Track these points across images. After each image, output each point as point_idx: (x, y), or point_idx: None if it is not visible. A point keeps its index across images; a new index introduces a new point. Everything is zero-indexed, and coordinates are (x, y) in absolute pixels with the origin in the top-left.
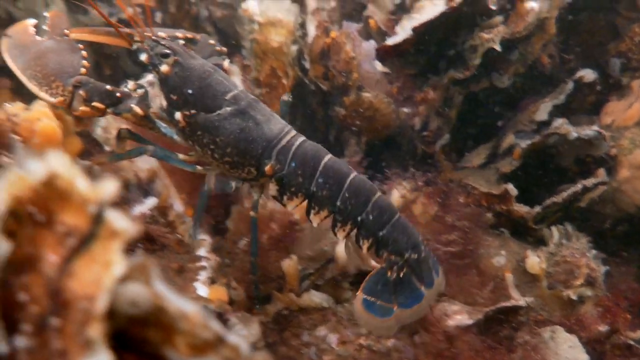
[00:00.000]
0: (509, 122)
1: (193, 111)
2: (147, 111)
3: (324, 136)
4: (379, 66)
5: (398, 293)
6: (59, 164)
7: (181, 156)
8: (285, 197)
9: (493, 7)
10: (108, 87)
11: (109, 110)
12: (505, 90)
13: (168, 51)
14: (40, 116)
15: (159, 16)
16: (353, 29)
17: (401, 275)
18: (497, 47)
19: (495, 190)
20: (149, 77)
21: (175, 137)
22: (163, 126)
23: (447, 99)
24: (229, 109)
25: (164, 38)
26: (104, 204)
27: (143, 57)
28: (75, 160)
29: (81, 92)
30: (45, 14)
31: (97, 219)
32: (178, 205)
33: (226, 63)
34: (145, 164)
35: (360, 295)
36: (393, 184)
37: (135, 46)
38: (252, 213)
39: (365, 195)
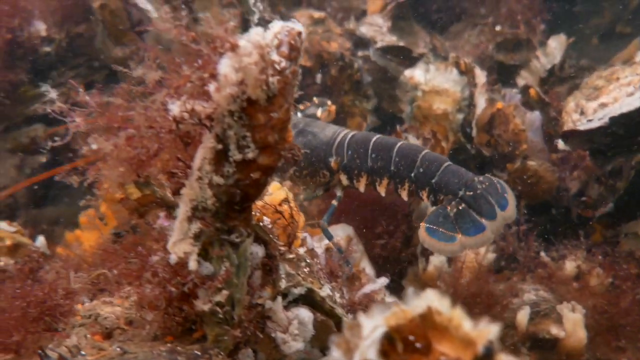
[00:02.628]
0: None
1: None
2: None
3: None
4: (560, 145)
5: (459, 224)
6: (436, 302)
7: None
8: (354, 182)
9: None
10: None
11: None
12: None
13: None
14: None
15: (319, 77)
16: (516, 99)
17: (460, 208)
18: None
19: None
20: None
21: None
22: None
23: (613, 170)
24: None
25: None
26: (491, 343)
27: None
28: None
29: None
30: None
31: (486, 356)
32: (369, 269)
33: (319, 112)
34: (341, 231)
35: (423, 224)
36: (565, 252)
37: None
38: (334, 202)
39: (412, 155)
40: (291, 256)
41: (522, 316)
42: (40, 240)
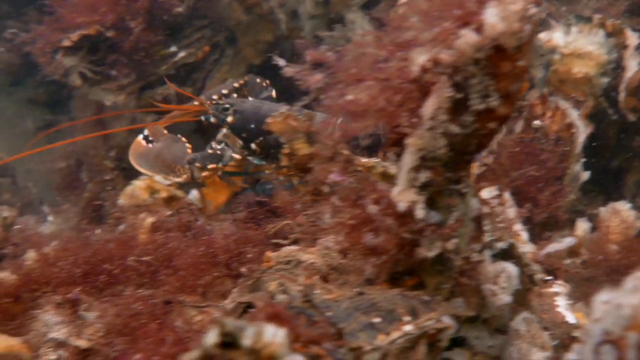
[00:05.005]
0: None
1: (261, 138)
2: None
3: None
4: None
5: None
6: None
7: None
8: None
9: None
10: (210, 151)
11: (219, 165)
12: None
13: (227, 105)
14: None
15: None
16: None
17: None
18: None
19: None
20: (223, 131)
21: (262, 162)
22: (253, 159)
23: None
24: None
25: (219, 98)
26: None
27: (212, 119)
28: None
29: (196, 164)
30: (145, 131)
31: None
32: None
33: (274, 92)
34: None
35: None
36: None
37: (204, 117)
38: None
39: None
40: (489, 210)
41: None
42: (194, 193)
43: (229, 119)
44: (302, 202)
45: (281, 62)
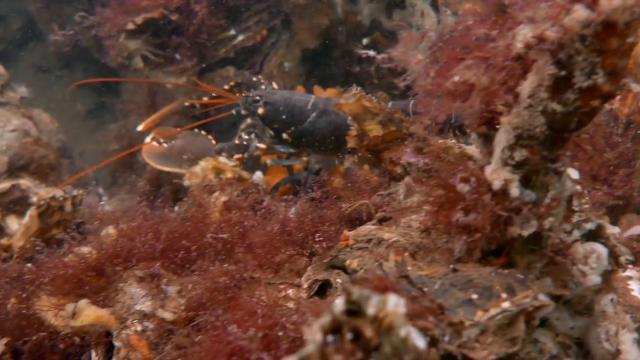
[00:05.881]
0: None
1: (292, 128)
2: (267, 144)
3: None
4: None
5: None
6: None
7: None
8: None
9: None
10: (236, 141)
11: (245, 155)
12: None
13: (257, 98)
14: None
15: None
16: None
17: None
18: None
19: None
20: (247, 121)
21: (291, 150)
22: (280, 147)
23: None
24: (314, 114)
25: (249, 91)
26: None
27: (243, 111)
28: None
29: (224, 154)
30: (150, 135)
31: None
32: None
33: (275, 85)
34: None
35: None
36: None
37: (235, 109)
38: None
39: None
40: (580, 190)
41: None
42: (259, 174)
43: (260, 110)
44: (377, 183)
45: (371, 53)
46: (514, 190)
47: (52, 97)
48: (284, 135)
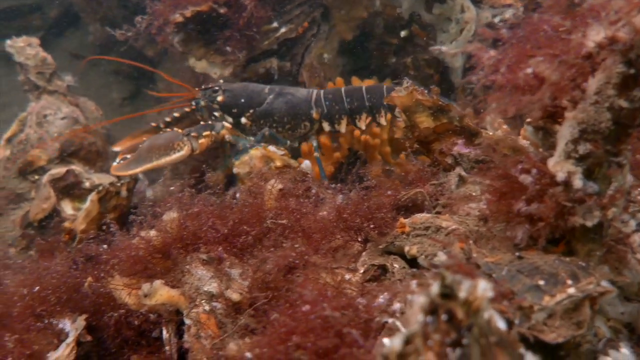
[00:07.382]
0: None
1: (251, 111)
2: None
3: None
4: None
5: None
6: None
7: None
8: (336, 125)
9: None
10: (202, 122)
11: (213, 133)
12: None
13: (216, 87)
14: None
15: None
16: None
17: None
18: None
19: None
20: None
21: (250, 138)
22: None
23: None
24: (271, 96)
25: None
26: None
27: (202, 102)
28: None
29: (192, 134)
30: (117, 159)
31: None
32: None
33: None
34: None
35: None
36: None
37: (194, 101)
38: (316, 154)
39: (379, 89)
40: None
41: None
42: (307, 163)
43: (219, 98)
44: (430, 172)
45: (444, 48)
46: (578, 182)
47: (90, 85)
48: (243, 120)
